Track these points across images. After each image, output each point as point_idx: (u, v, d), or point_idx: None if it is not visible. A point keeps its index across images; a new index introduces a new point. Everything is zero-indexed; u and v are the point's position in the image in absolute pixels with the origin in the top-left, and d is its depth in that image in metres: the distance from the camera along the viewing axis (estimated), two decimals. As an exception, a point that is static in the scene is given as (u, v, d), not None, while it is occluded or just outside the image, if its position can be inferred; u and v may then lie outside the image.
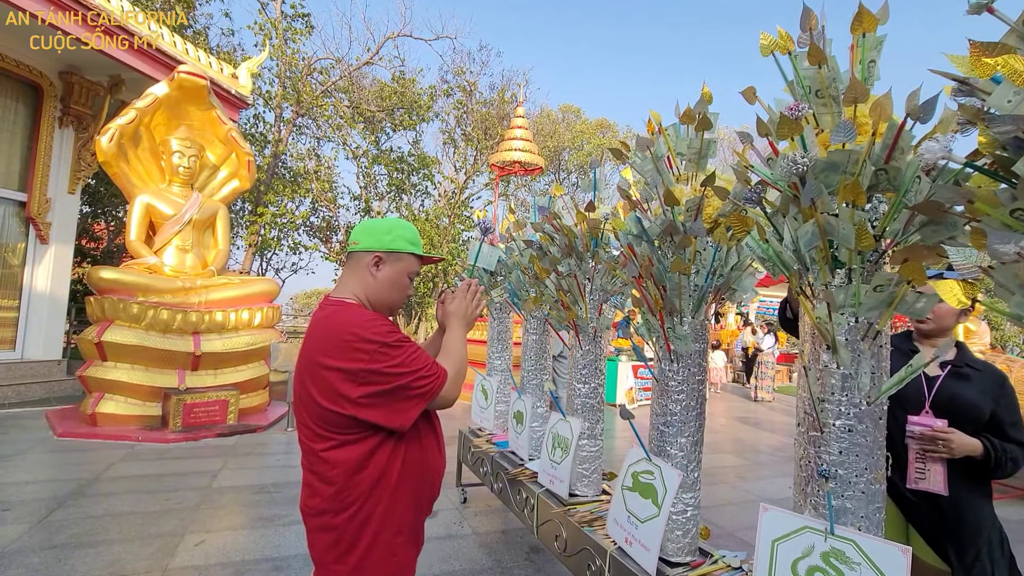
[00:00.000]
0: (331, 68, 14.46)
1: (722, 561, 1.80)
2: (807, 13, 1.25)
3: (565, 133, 20.99)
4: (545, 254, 2.72)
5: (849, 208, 1.15)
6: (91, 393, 5.55)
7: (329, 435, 1.26)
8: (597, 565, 1.95)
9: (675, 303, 1.79)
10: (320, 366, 1.25)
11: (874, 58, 1.24)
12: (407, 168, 15.24)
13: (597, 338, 2.56)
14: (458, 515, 3.64)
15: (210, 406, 5.59)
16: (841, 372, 1.25)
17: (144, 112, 6.11)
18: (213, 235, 6.86)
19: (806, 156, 1.21)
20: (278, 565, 2.84)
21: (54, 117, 7.28)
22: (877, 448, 1.27)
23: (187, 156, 6.49)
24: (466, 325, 1.53)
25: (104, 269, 5.86)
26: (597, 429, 2.56)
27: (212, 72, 7.35)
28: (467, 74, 16.17)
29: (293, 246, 14.60)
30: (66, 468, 4.25)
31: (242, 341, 6.10)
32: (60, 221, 7.40)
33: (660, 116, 1.93)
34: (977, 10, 0.85)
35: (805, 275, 1.32)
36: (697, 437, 1.86)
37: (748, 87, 1.35)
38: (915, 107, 1.08)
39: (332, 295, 1.41)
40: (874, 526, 1.26)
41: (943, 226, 1.12)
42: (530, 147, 10.74)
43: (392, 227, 1.41)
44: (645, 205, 1.98)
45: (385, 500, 1.27)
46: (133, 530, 3.17)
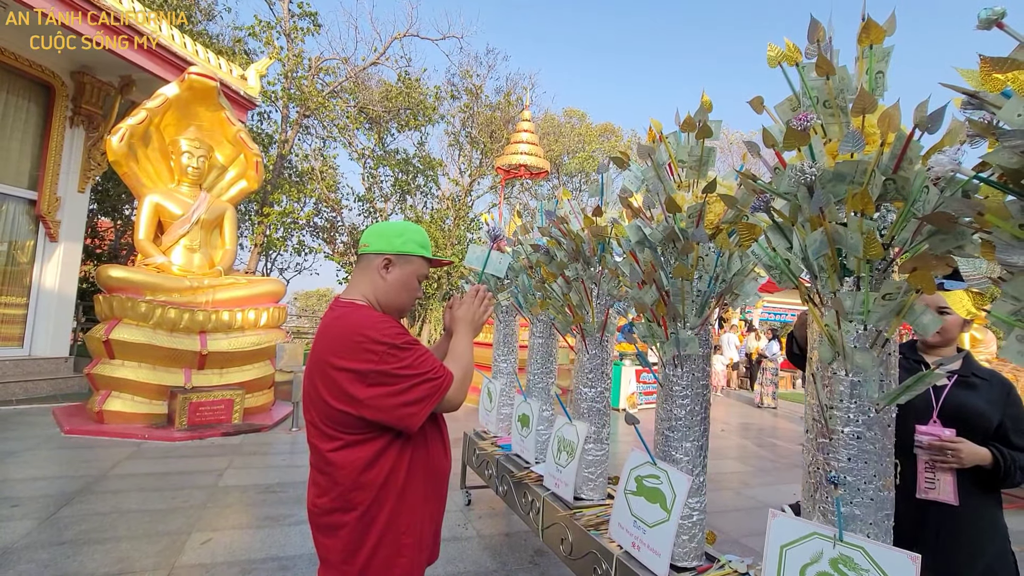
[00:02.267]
0: (337, 68, 14.54)
1: (729, 566, 1.80)
2: (814, 25, 1.26)
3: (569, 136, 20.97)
4: (552, 258, 2.74)
5: (858, 217, 1.16)
6: (98, 391, 5.59)
7: (337, 435, 1.28)
8: (603, 569, 1.96)
9: (678, 308, 1.80)
10: (330, 366, 1.27)
11: (882, 69, 1.25)
12: (412, 170, 15.30)
13: (603, 342, 2.57)
14: (463, 517, 3.65)
15: (216, 405, 5.63)
16: (850, 379, 1.26)
17: (154, 112, 6.17)
18: (221, 235, 6.91)
19: (814, 166, 1.22)
20: (284, 564, 2.86)
21: (65, 116, 7.35)
22: (886, 455, 1.28)
23: (196, 156, 6.54)
24: (474, 330, 1.54)
25: (113, 268, 5.91)
26: (603, 433, 2.56)
27: (222, 73, 7.42)
28: (474, 77, 16.24)
29: (298, 247, 14.68)
30: (74, 465, 4.29)
31: (248, 341, 6.13)
32: (69, 219, 7.47)
33: (661, 124, 1.95)
34: (987, 26, 0.86)
35: (814, 283, 1.33)
36: (702, 442, 1.87)
37: (755, 97, 1.37)
38: (923, 118, 1.09)
39: (342, 297, 1.43)
40: (883, 533, 1.27)
41: (951, 236, 1.13)
42: (536, 151, 10.78)
43: (402, 230, 1.44)
44: (648, 212, 1.99)
45: (391, 501, 1.29)
46: (140, 527, 3.20)
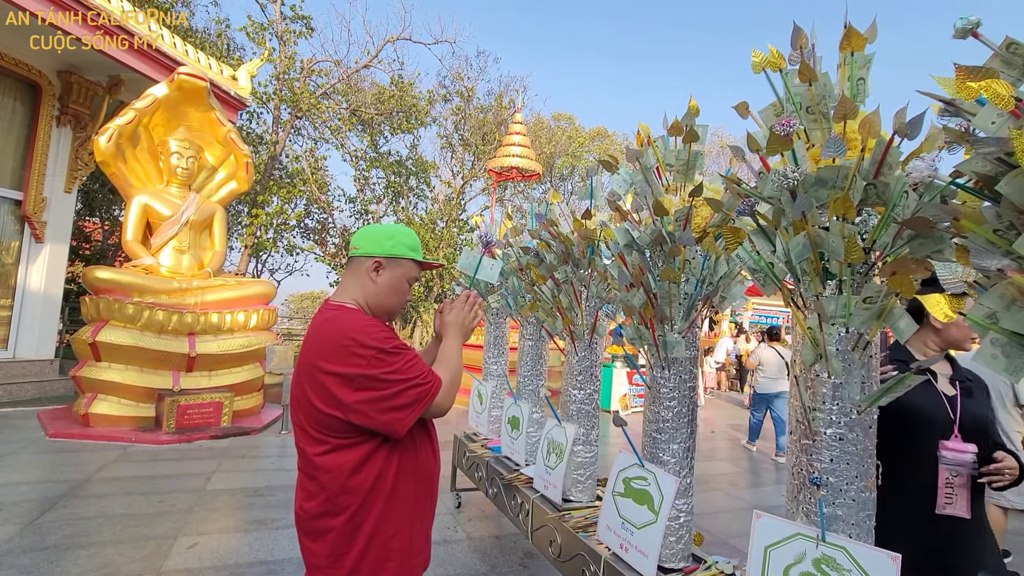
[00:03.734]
0: (330, 71, 14.50)
1: (715, 567, 1.82)
2: (797, 32, 1.28)
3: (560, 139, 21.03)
4: (542, 261, 2.75)
5: (840, 221, 1.18)
6: (84, 393, 5.52)
7: (325, 439, 1.27)
8: (591, 571, 1.97)
9: (665, 311, 1.82)
10: (318, 370, 1.26)
11: (863, 75, 1.28)
12: (405, 172, 15.27)
13: (592, 344, 2.58)
14: (452, 520, 3.64)
15: (204, 408, 5.57)
16: (832, 382, 1.28)
17: (143, 113, 6.12)
18: (210, 236, 6.85)
19: (796, 170, 1.24)
20: (272, 569, 2.84)
21: (52, 116, 7.26)
22: (868, 456, 1.30)
23: (185, 157, 6.49)
24: (463, 335, 1.55)
25: (100, 269, 5.85)
26: (592, 435, 2.57)
27: (212, 74, 7.37)
28: (465, 79, 16.25)
29: (289, 248, 14.59)
30: (58, 469, 4.23)
31: (237, 343, 6.08)
32: (56, 220, 7.38)
33: (649, 128, 1.97)
34: (962, 35, 0.88)
35: (797, 286, 1.35)
36: (689, 443, 1.89)
37: (741, 102, 1.39)
38: (902, 124, 1.11)
39: (332, 299, 1.42)
40: (864, 533, 1.28)
41: (930, 240, 1.15)
42: (528, 153, 10.79)
43: (393, 233, 1.43)
44: (636, 215, 2.01)
45: (379, 505, 1.28)
46: (126, 532, 3.16)
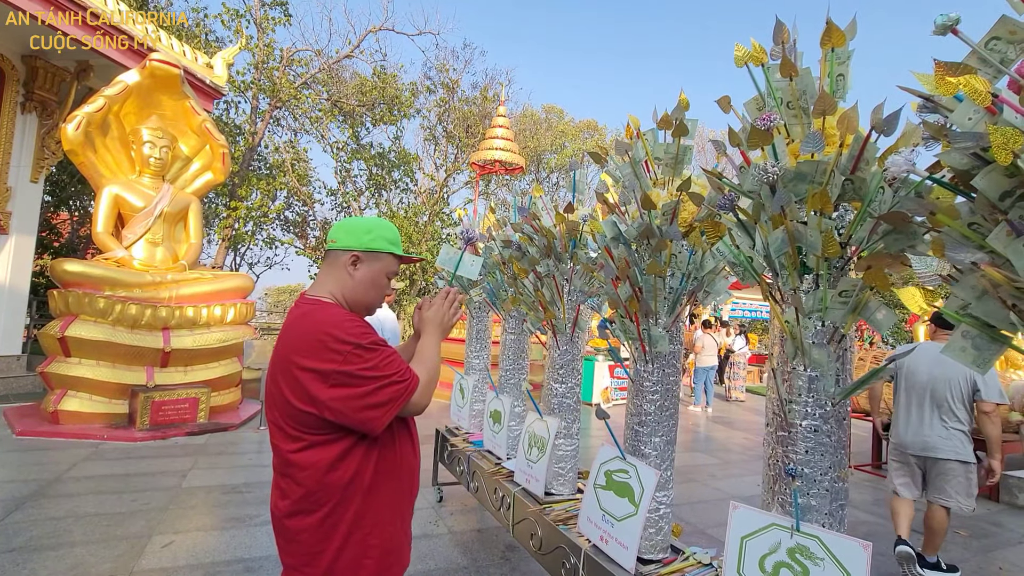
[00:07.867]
0: (311, 60, 14.21)
1: (693, 558, 1.84)
2: (779, 27, 1.28)
3: (546, 134, 20.98)
4: (524, 254, 2.73)
5: (817, 216, 1.19)
6: (53, 390, 5.34)
7: (301, 436, 1.24)
8: (572, 563, 1.97)
9: (650, 305, 1.82)
10: (293, 365, 1.23)
11: (843, 72, 1.28)
12: (387, 164, 15.08)
13: (574, 338, 2.59)
14: (434, 514, 3.63)
15: (180, 404, 5.45)
16: (808, 374, 1.30)
17: (113, 100, 5.91)
18: (185, 229, 6.67)
19: (776, 165, 1.25)
20: (250, 566, 2.79)
21: (16, 102, 6.98)
22: (841, 448, 1.32)
23: (158, 147, 6.30)
24: (442, 332, 1.52)
25: (69, 262, 5.65)
26: (573, 428, 2.58)
27: (186, 61, 7.15)
28: (450, 71, 16.09)
29: (268, 241, 14.32)
30: (25, 468, 4.09)
31: (214, 338, 5.95)
32: (21, 211, 7.11)
33: (639, 121, 1.96)
34: (942, 31, 0.89)
35: (775, 280, 1.36)
36: (671, 436, 1.90)
37: (723, 96, 1.39)
38: (879, 121, 1.12)
39: (308, 293, 1.39)
40: (837, 522, 1.31)
41: (905, 235, 1.17)
42: (511, 146, 10.77)
43: (372, 226, 1.40)
44: (623, 208, 2.01)
45: (357, 502, 1.26)
46: (97, 532, 3.08)
